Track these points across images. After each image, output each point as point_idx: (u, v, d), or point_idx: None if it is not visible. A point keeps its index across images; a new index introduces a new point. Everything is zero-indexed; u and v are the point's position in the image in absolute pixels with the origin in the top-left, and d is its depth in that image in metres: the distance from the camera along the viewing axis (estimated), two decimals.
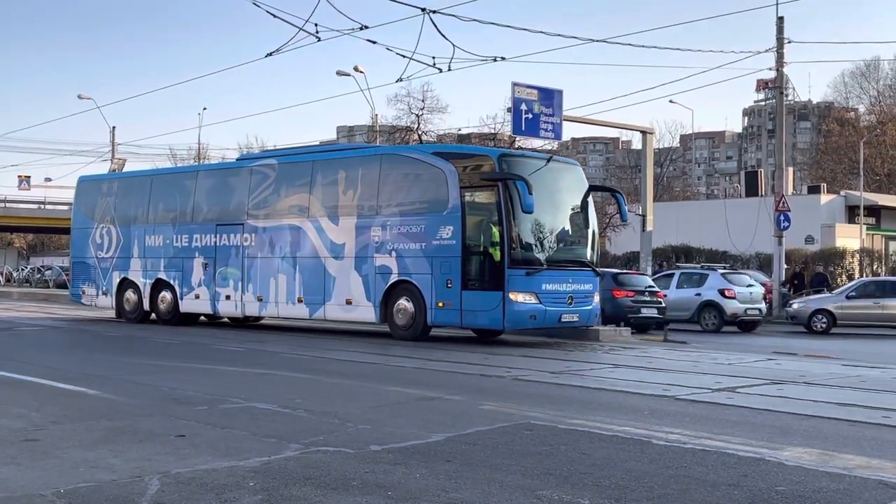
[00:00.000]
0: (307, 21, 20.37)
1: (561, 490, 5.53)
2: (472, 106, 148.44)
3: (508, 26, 54.98)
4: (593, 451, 6.72)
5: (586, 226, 17.26)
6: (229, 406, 8.77)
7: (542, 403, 9.20)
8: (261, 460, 6.23)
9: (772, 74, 30.77)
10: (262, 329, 20.79)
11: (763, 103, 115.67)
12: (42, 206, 71.71)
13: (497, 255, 15.75)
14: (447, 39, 20.23)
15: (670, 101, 48.31)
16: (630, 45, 50.73)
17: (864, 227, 44.33)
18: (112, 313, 22.77)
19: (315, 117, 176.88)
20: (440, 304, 16.34)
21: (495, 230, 15.83)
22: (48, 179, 75.47)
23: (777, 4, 28.58)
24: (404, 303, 16.89)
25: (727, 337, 22.24)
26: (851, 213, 45.69)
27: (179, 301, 20.92)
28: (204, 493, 5.37)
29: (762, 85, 79.09)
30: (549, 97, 26.42)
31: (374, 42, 22.28)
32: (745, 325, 24.35)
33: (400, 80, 24.39)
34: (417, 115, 56.73)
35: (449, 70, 21.77)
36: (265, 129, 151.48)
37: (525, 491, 5.50)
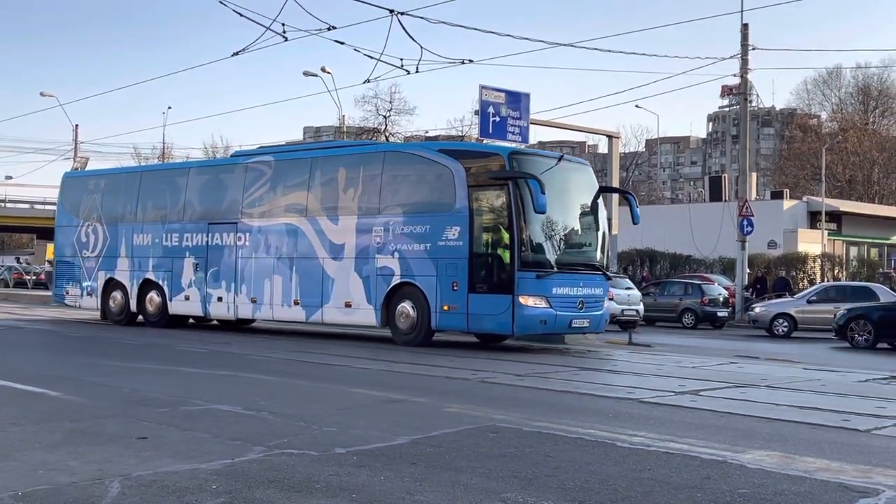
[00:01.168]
0: (274, 21, 20.20)
1: (525, 492, 5.54)
2: (440, 108, 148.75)
3: (476, 29, 54.92)
4: (558, 453, 6.73)
5: (597, 228, 16.62)
6: (192, 408, 8.69)
7: (507, 406, 9.21)
8: (223, 463, 6.17)
9: (736, 81, 31.10)
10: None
11: (727, 109, 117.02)
12: (3, 205, 70.68)
13: (506, 256, 15.21)
14: (415, 41, 20.26)
15: (636, 106, 48.80)
16: (597, 49, 51.25)
17: (826, 232, 44.96)
18: (90, 315, 22.19)
19: (281, 118, 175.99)
20: (445, 308, 15.74)
21: (504, 231, 15.29)
22: (9, 178, 74.50)
23: (742, 11, 28.94)
24: (407, 306, 16.31)
25: (691, 339, 22.43)
26: (813, 219, 46.31)
27: (168, 302, 20.25)
28: (165, 496, 5.30)
29: (727, 91, 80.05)
30: (517, 100, 26.55)
31: (342, 43, 22.25)
32: (623, 325, 24.80)
33: (367, 81, 24.38)
34: (385, 117, 56.71)
35: (417, 72, 21.78)
36: (231, 129, 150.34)
37: (490, 493, 5.49)
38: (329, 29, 20.68)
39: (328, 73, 38.16)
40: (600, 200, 16.78)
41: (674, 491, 5.65)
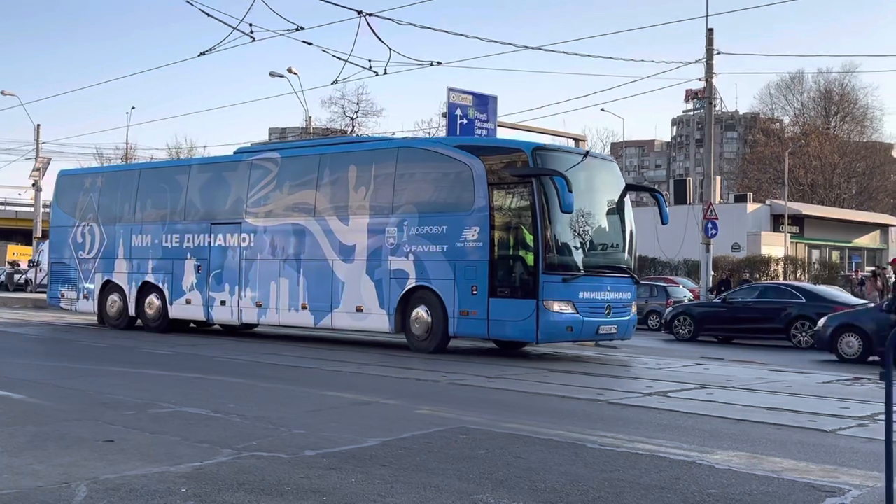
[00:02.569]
0: (241, 21, 20.07)
1: (496, 494, 5.54)
2: (408, 110, 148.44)
3: (445, 31, 54.93)
4: (528, 454, 6.75)
5: (624, 228, 15.73)
6: (159, 411, 8.60)
7: (478, 407, 9.21)
8: (192, 466, 6.12)
9: (701, 85, 31.34)
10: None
11: (692, 113, 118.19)
12: None
13: (530, 259, 14.35)
14: (383, 43, 20.26)
15: (602, 110, 49.01)
16: (564, 52, 51.35)
17: (789, 235, 45.51)
18: (86, 318, 21.47)
19: (247, 119, 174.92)
20: (463, 313, 14.86)
21: (528, 231, 14.42)
22: None
23: (707, 16, 29.18)
24: (422, 311, 15.45)
25: (656, 341, 22.57)
26: (776, 222, 46.89)
27: (168, 306, 19.28)
28: (134, 500, 5.25)
29: (691, 95, 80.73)
30: (484, 103, 26.62)
31: (310, 44, 22.14)
32: None
33: (335, 82, 24.25)
34: (352, 118, 56.57)
35: (385, 73, 21.72)
36: (196, 129, 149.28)
37: (461, 495, 5.49)
38: (297, 30, 20.59)
39: (295, 73, 38.03)
40: (627, 198, 15.98)
41: (644, 491, 5.68)
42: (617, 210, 15.58)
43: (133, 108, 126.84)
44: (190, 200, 19.40)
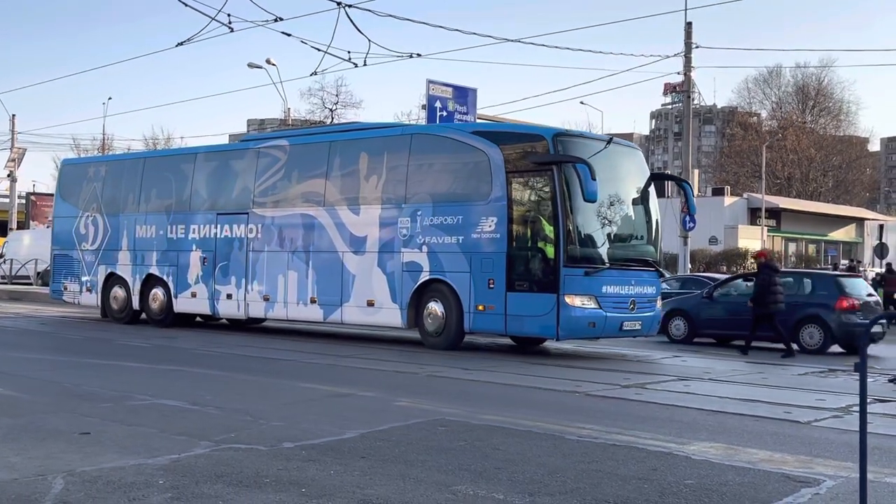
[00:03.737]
0: (220, 11, 19.88)
1: (476, 485, 5.55)
2: (387, 102, 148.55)
3: (424, 23, 54.89)
4: (507, 446, 6.76)
5: (649, 219, 15.03)
6: (136, 403, 8.56)
7: (456, 399, 9.23)
8: (170, 458, 6.09)
9: (679, 79, 31.47)
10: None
11: (670, 107, 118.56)
12: None
13: (550, 251, 13.65)
14: (363, 34, 20.15)
15: (581, 103, 49.01)
16: (544, 45, 51.55)
17: (766, 228, 45.82)
18: (90, 313, 20.92)
19: (226, 110, 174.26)
20: (480, 308, 14.14)
21: (548, 222, 13.71)
22: None
23: (686, 10, 29.28)
24: (435, 306, 14.77)
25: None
26: (753, 215, 47.19)
27: (173, 300, 18.53)
28: (111, 492, 5.22)
29: (670, 89, 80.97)
30: (464, 95, 26.60)
31: (289, 35, 22.03)
32: None
33: (314, 73, 24.23)
34: (331, 110, 56.46)
35: (364, 65, 21.70)
36: (174, 120, 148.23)
37: (440, 486, 5.50)
38: (276, 20, 20.46)
39: (273, 65, 37.81)
40: (652, 188, 15.24)
41: (621, 482, 5.71)
42: (641, 200, 14.89)
43: (110, 98, 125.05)
44: (195, 190, 18.71)
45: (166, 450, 6.34)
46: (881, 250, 34.86)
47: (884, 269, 30.41)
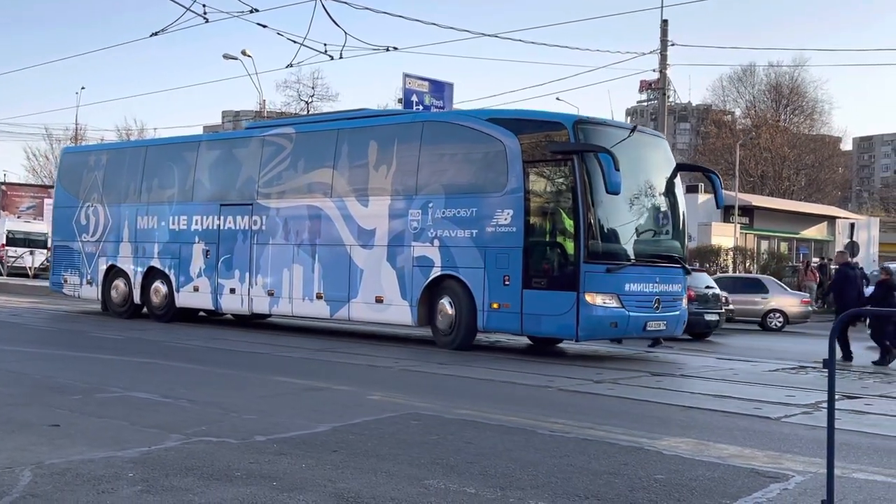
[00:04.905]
0: (195, 1, 19.75)
1: (448, 479, 5.56)
2: (363, 95, 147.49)
3: (401, 16, 54.71)
4: (480, 440, 6.78)
5: (675, 212, 14.25)
6: (107, 395, 8.50)
7: (430, 393, 9.24)
8: (140, 451, 6.05)
9: (655, 76, 31.63)
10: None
11: (646, 104, 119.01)
12: None
13: (570, 246, 12.91)
14: (339, 27, 20.07)
15: (557, 99, 49.00)
16: (521, 41, 51.57)
17: (739, 226, 46.14)
18: (90, 306, 20.44)
19: (200, 101, 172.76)
20: (494, 306, 13.45)
21: (567, 215, 12.96)
22: None
23: (662, 7, 29.40)
24: (446, 303, 14.12)
25: None
26: (727, 213, 47.45)
27: (175, 294, 17.95)
28: (80, 484, 5.18)
29: (645, 86, 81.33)
30: (440, 89, 26.61)
31: (265, 26, 21.96)
32: None
33: (290, 66, 24.13)
34: (307, 102, 56.28)
35: (340, 58, 21.58)
36: (148, 111, 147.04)
37: (412, 480, 5.50)
38: (251, 11, 20.37)
39: (249, 56, 37.53)
40: (678, 180, 14.53)
41: (592, 477, 5.74)
42: (667, 192, 14.16)
43: (83, 88, 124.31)
44: (198, 180, 18.07)
45: (137, 442, 6.30)
46: (852, 248, 35.23)
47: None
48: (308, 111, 53.25)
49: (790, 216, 51.61)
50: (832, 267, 35.62)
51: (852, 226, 38.06)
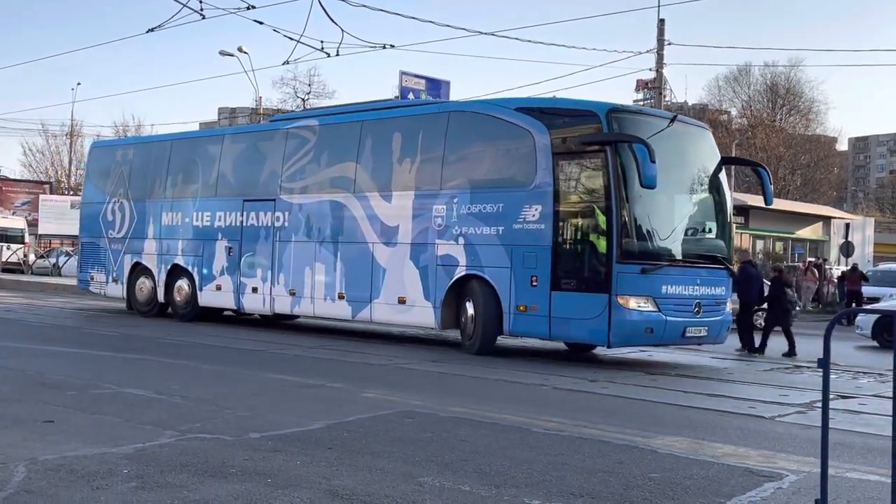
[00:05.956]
0: None
1: (442, 477, 5.56)
2: (360, 92, 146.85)
3: (398, 14, 54.57)
4: (474, 438, 6.78)
5: (719, 209, 13.37)
6: (101, 391, 8.48)
7: (424, 391, 9.24)
8: (134, 447, 6.04)
9: (652, 75, 31.65)
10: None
11: (642, 103, 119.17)
12: None
13: (602, 244, 12.04)
14: (336, 24, 20.03)
15: (554, 97, 49.16)
16: (517, 39, 51.53)
17: (734, 225, 46.17)
18: (114, 304, 20.09)
19: (196, 98, 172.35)
20: (521, 308, 12.64)
21: (600, 211, 12.10)
22: None
23: (659, 7, 29.41)
24: (469, 305, 13.39)
25: None
26: None
27: (198, 292, 17.43)
28: (74, 480, 5.17)
29: (642, 85, 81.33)
30: (437, 87, 26.61)
31: (261, 23, 21.93)
32: None
33: (286, 63, 24.06)
34: (303, 100, 56.25)
35: (337, 55, 21.59)
36: (144, 107, 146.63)
37: (407, 477, 5.50)
38: (248, 8, 20.32)
39: (245, 53, 37.50)
40: (723, 174, 13.70)
41: (587, 475, 5.75)
42: (710, 187, 13.31)
43: (79, 84, 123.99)
44: (222, 174, 17.49)
45: (131, 439, 6.29)
46: (847, 248, 35.29)
47: (848, 268, 30.83)
48: (304, 109, 53.18)
49: (786, 216, 51.67)
50: (827, 267, 35.74)
51: (847, 226, 38.12)
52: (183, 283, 17.83)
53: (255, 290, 16.43)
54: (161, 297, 18.20)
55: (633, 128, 12.18)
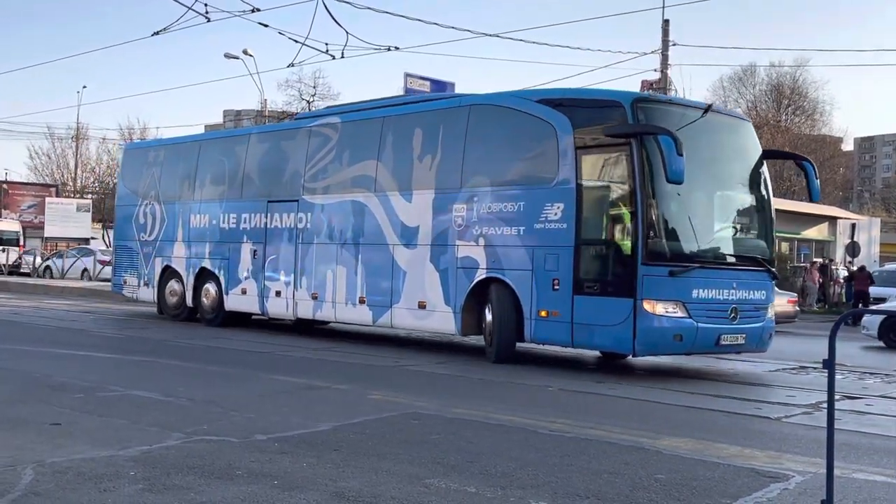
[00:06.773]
0: (197, 0, 19.74)
1: (448, 478, 5.57)
2: (364, 94, 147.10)
3: (403, 16, 54.74)
4: (480, 440, 6.79)
5: (760, 207, 12.47)
6: (108, 394, 8.51)
7: (429, 393, 9.25)
8: (141, 449, 6.06)
9: (656, 76, 31.62)
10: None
11: None
12: None
13: (626, 245, 11.18)
14: (340, 26, 20.04)
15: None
16: (522, 40, 51.36)
17: None
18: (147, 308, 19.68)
19: (202, 100, 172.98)
20: (542, 314, 11.87)
21: (625, 209, 11.29)
22: None
23: (664, 7, 29.39)
24: (486, 310, 12.69)
25: None
26: None
27: (224, 296, 16.91)
28: (81, 483, 5.19)
29: (646, 86, 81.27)
30: (442, 89, 26.62)
31: (266, 25, 21.98)
32: None
33: (291, 65, 24.12)
34: (308, 102, 56.32)
35: (342, 57, 21.58)
36: (149, 110, 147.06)
37: (413, 479, 5.51)
38: (253, 11, 20.38)
39: (250, 55, 37.59)
40: (764, 169, 12.65)
41: (593, 476, 5.75)
42: (750, 183, 12.36)
43: (84, 87, 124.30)
44: (247, 175, 17.06)
45: (138, 441, 6.31)
46: (853, 249, 35.24)
47: (856, 268, 30.82)
48: (309, 111, 53.24)
49: (791, 216, 51.55)
50: (833, 268, 35.66)
51: (853, 226, 38.10)
52: (210, 287, 17.42)
53: (278, 293, 15.94)
54: (189, 300, 17.82)
55: (662, 118, 11.38)
